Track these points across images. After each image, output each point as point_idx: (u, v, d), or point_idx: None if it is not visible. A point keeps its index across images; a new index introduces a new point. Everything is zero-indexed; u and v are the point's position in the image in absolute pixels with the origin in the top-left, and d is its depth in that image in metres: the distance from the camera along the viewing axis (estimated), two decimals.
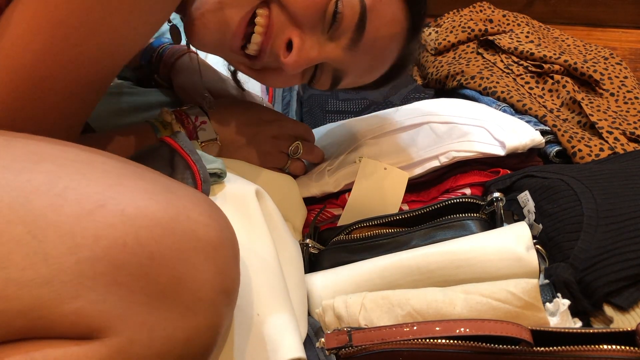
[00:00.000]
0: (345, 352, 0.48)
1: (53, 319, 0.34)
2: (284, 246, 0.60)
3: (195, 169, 0.54)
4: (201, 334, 0.37)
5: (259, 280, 0.51)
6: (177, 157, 0.55)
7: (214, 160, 0.57)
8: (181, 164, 0.55)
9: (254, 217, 0.56)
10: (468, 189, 0.72)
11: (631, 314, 0.52)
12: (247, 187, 0.58)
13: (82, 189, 0.37)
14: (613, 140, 0.75)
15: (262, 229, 0.56)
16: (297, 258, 0.62)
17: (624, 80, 0.93)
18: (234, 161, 0.68)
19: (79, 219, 0.35)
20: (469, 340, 0.45)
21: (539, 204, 0.63)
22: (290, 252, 0.61)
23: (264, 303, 0.50)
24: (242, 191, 0.57)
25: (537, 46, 0.96)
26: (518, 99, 0.84)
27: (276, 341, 0.48)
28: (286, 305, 0.52)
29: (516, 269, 0.56)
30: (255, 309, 0.50)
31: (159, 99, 0.80)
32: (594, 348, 0.44)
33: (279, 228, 0.60)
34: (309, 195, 0.75)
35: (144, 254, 0.35)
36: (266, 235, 0.55)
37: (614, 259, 0.53)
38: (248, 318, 0.49)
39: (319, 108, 0.98)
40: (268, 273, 0.53)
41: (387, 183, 0.72)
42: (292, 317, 0.51)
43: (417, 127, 0.79)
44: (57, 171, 0.37)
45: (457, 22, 1.04)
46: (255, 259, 0.53)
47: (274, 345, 0.48)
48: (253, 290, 0.51)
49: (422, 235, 0.65)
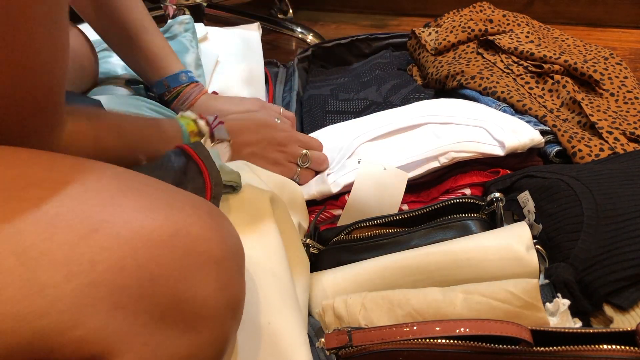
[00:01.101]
0: (345, 352, 0.48)
1: (55, 348, 0.33)
2: (294, 251, 0.60)
3: (205, 173, 0.54)
4: (206, 350, 0.37)
5: (270, 289, 0.52)
6: (191, 163, 0.56)
7: (231, 172, 0.57)
8: (193, 169, 0.55)
9: (268, 225, 0.56)
10: (468, 189, 0.72)
11: (631, 314, 0.52)
12: (262, 194, 0.58)
13: (73, 213, 0.35)
14: (613, 140, 0.75)
15: (274, 237, 0.56)
16: (304, 262, 0.62)
17: (624, 80, 0.93)
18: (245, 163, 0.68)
19: (73, 245, 0.34)
20: (469, 340, 0.45)
21: (539, 204, 0.63)
22: (299, 256, 0.61)
23: (275, 312, 0.50)
24: (257, 198, 0.58)
25: (537, 46, 0.96)
26: (518, 99, 0.84)
27: (288, 352, 0.48)
28: (297, 315, 0.52)
29: (516, 269, 0.56)
30: (266, 317, 0.50)
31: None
32: (594, 348, 0.44)
33: (289, 232, 0.61)
34: (309, 198, 0.75)
35: (143, 276, 0.35)
36: (278, 244, 0.56)
37: (614, 259, 0.53)
38: (259, 327, 0.49)
39: (319, 108, 0.97)
40: (279, 282, 0.53)
41: (387, 183, 0.72)
42: (303, 328, 0.51)
43: (416, 128, 0.79)
44: (45, 197, 0.36)
45: (457, 22, 1.04)
46: (267, 268, 0.53)
47: (286, 357, 0.48)
48: (264, 298, 0.51)
49: (422, 236, 0.65)
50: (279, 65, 1.13)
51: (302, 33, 1.33)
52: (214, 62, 0.97)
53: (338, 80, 1.05)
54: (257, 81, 1.00)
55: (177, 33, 0.98)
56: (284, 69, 1.12)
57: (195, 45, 0.96)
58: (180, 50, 0.93)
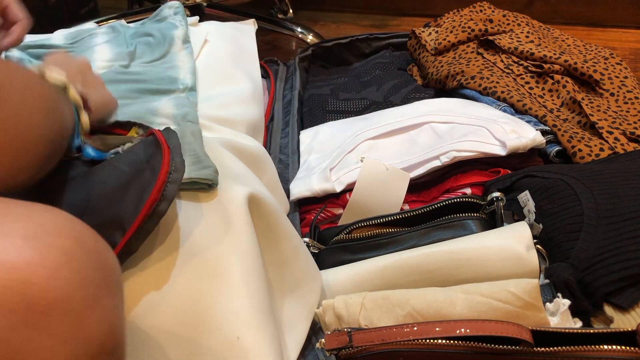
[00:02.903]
0: (346, 352, 0.48)
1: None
2: (284, 246, 0.58)
3: (166, 156, 0.49)
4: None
5: (241, 300, 0.49)
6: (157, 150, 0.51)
7: (208, 166, 0.54)
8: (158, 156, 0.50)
9: (241, 228, 0.53)
10: (469, 188, 0.72)
11: (631, 314, 0.52)
12: (238, 193, 0.55)
13: None
14: (613, 140, 0.75)
15: (248, 240, 0.52)
16: (304, 253, 0.60)
17: (624, 80, 0.93)
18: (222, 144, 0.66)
19: None
20: (469, 341, 0.45)
21: (539, 204, 0.63)
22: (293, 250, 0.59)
23: (245, 326, 0.48)
24: (231, 199, 0.54)
25: (537, 46, 0.96)
26: (518, 99, 0.84)
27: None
28: (271, 330, 0.49)
29: (516, 269, 0.56)
30: (234, 331, 0.47)
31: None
32: (594, 348, 0.44)
33: (277, 229, 0.58)
34: (311, 195, 0.75)
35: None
36: (253, 248, 0.52)
37: (614, 259, 0.53)
38: (226, 342, 0.47)
39: (319, 108, 0.98)
40: (252, 292, 0.50)
41: (389, 183, 0.72)
42: (277, 347, 0.49)
43: (418, 127, 0.79)
44: None
45: (457, 22, 1.04)
46: (238, 275, 0.50)
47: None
48: (233, 310, 0.48)
49: (422, 235, 0.65)
50: (279, 63, 1.13)
51: (302, 33, 1.33)
52: (202, 40, 0.97)
53: (338, 80, 1.05)
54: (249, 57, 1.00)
55: (167, 15, 1.00)
56: (284, 67, 1.12)
57: (185, 25, 0.97)
58: (168, 27, 0.94)
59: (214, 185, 0.54)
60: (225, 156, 0.63)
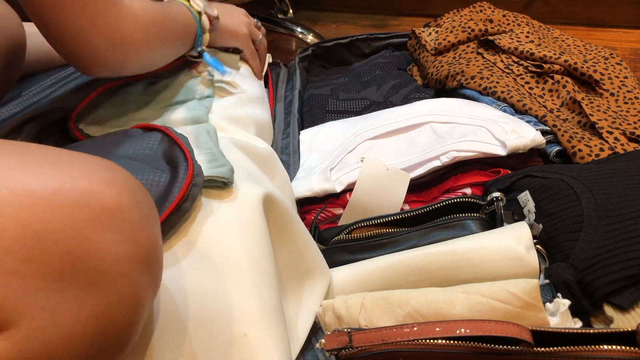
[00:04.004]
0: (346, 353, 0.48)
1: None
2: (295, 247, 0.59)
3: (190, 160, 0.53)
4: (114, 309, 0.35)
5: (250, 298, 0.49)
6: (176, 150, 0.55)
7: (224, 164, 0.55)
8: (178, 157, 0.54)
9: (254, 227, 0.53)
10: (469, 188, 0.72)
11: (631, 314, 0.52)
12: (254, 193, 0.55)
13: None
14: (613, 140, 0.75)
15: (261, 239, 0.53)
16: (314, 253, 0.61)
17: (624, 80, 0.93)
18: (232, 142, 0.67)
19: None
20: (469, 341, 0.45)
21: (539, 204, 0.63)
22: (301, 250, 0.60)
23: (254, 323, 0.48)
24: (247, 199, 0.54)
25: (537, 46, 0.96)
26: (518, 99, 0.84)
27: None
28: (280, 328, 0.49)
29: (516, 269, 0.56)
30: (242, 328, 0.47)
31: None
32: (594, 348, 0.44)
33: (289, 230, 0.58)
34: (311, 195, 0.75)
35: (29, 235, 0.32)
36: (265, 246, 0.53)
37: (614, 259, 0.53)
38: (233, 339, 0.47)
39: (319, 108, 0.98)
40: (262, 290, 0.50)
41: (389, 183, 0.72)
42: (286, 345, 0.49)
43: (418, 127, 0.79)
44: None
45: (457, 22, 1.04)
46: (248, 273, 0.50)
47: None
48: (242, 308, 0.48)
49: (422, 235, 0.65)
50: (281, 66, 1.13)
51: (302, 33, 1.33)
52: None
53: (338, 80, 1.05)
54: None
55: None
56: (285, 70, 1.12)
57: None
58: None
59: (230, 183, 0.55)
60: (238, 156, 0.64)
